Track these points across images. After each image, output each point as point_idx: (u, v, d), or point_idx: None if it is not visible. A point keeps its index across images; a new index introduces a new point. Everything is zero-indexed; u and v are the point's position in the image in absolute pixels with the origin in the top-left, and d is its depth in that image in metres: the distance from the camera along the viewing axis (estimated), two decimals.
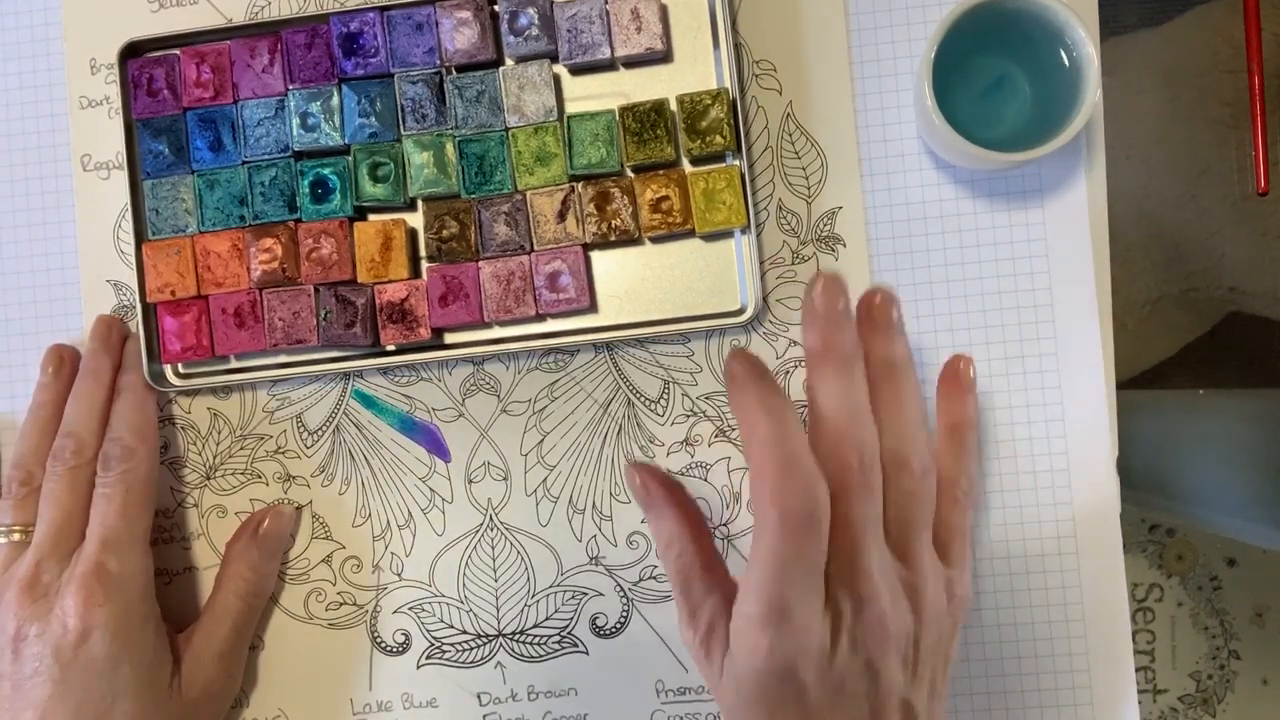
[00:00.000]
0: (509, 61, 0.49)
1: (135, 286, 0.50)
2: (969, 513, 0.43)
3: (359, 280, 0.49)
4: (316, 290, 0.49)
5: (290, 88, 0.49)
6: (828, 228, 0.50)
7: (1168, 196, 0.50)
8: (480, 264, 0.49)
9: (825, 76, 0.50)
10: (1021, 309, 0.49)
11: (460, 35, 0.48)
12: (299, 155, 0.50)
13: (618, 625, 0.50)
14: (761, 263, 0.49)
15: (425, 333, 0.49)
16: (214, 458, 0.52)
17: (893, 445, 0.40)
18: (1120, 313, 0.49)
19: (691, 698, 0.50)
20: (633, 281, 0.50)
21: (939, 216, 0.49)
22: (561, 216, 0.48)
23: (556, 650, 0.50)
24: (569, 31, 0.48)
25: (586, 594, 0.50)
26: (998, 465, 0.49)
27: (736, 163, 0.48)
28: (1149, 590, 0.50)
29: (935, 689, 0.41)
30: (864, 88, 0.50)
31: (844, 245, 0.49)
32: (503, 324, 0.50)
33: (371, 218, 0.50)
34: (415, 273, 0.50)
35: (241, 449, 0.52)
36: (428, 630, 0.51)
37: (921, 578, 0.40)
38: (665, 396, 0.50)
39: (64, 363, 0.50)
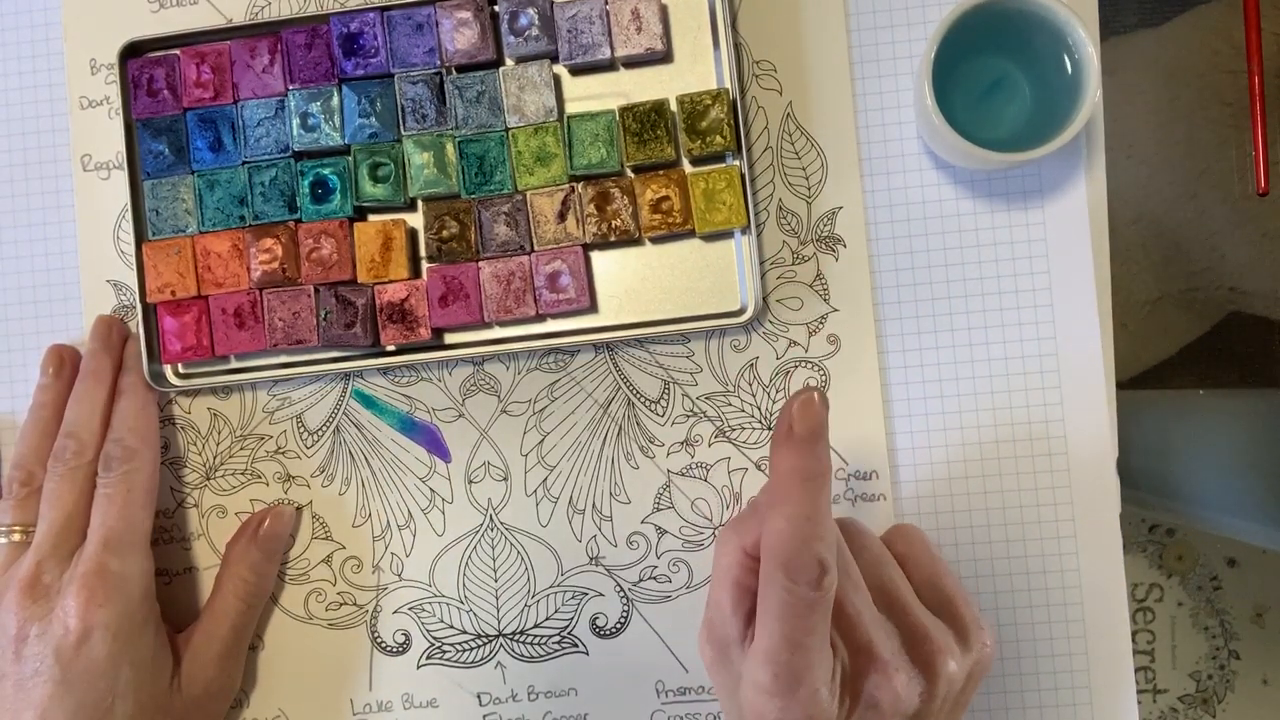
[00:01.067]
0: (509, 62, 0.49)
1: (135, 286, 0.50)
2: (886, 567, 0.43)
3: (359, 280, 0.49)
4: (316, 290, 0.49)
5: (290, 88, 0.49)
6: (828, 228, 0.50)
7: (1168, 196, 0.50)
8: (480, 264, 0.49)
9: (825, 76, 0.50)
10: (1021, 309, 0.49)
11: (460, 35, 0.48)
12: (299, 155, 0.50)
13: (618, 625, 0.50)
14: (761, 263, 0.49)
15: (425, 333, 0.49)
16: (214, 458, 0.52)
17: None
18: (1120, 313, 0.49)
19: (691, 698, 0.50)
20: (633, 281, 0.50)
21: (939, 216, 0.49)
22: (561, 216, 0.48)
23: (556, 650, 0.50)
24: (569, 32, 0.48)
25: (586, 594, 0.50)
26: (998, 466, 0.49)
27: (736, 163, 0.48)
28: (1149, 590, 0.50)
29: None
30: (864, 88, 0.50)
31: (844, 245, 0.49)
32: (503, 324, 0.50)
33: (371, 218, 0.50)
34: (415, 273, 0.50)
35: (241, 449, 0.52)
36: (428, 630, 0.51)
37: (923, 638, 0.40)
38: (665, 397, 0.50)
39: (64, 363, 0.50)
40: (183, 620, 0.50)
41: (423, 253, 0.49)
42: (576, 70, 0.50)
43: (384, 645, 0.51)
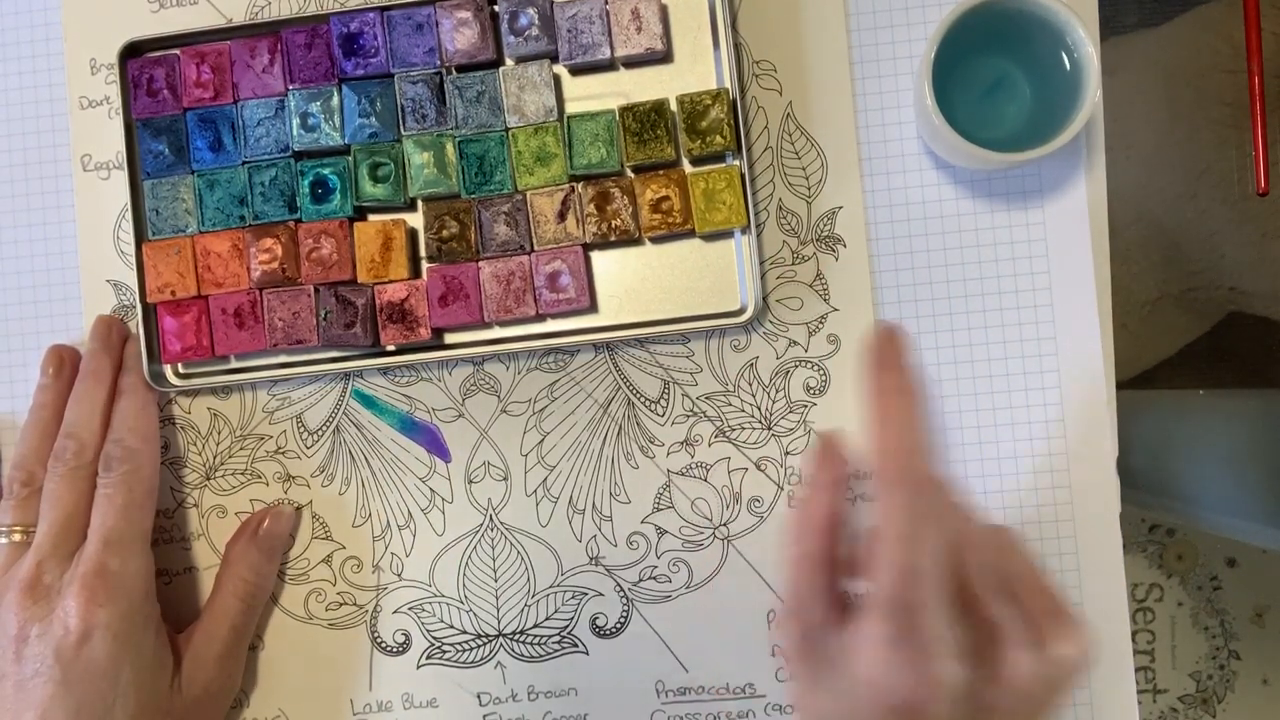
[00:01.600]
0: (509, 61, 0.49)
1: (135, 286, 0.50)
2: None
3: (359, 280, 0.49)
4: (316, 290, 0.49)
5: (290, 88, 0.49)
6: (828, 228, 0.50)
7: (1168, 196, 0.50)
8: (480, 264, 0.49)
9: (825, 76, 0.50)
10: (1021, 309, 0.49)
11: (460, 35, 0.48)
12: (299, 155, 0.50)
13: (618, 625, 0.50)
14: (761, 263, 0.49)
15: (425, 333, 0.49)
16: (214, 458, 0.52)
17: None
18: (1120, 313, 0.49)
19: (691, 698, 0.50)
20: (633, 281, 0.50)
21: (939, 216, 0.49)
22: (561, 216, 0.48)
23: (556, 650, 0.50)
24: (569, 32, 0.48)
25: (586, 594, 0.50)
26: (998, 466, 0.49)
27: (736, 163, 0.48)
28: (1149, 590, 0.50)
29: None
30: (864, 88, 0.50)
31: (844, 245, 0.49)
32: (503, 324, 0.50)
33: (371, 218, 0.50)
34: (415, 273, 0.50)
35: (241, 449, 0.52)
36: (428, 630, 0.51)
37: (1036, 620, 0.37)
38: (665, 396, 0.50)
39: (64, 364, 0.50)
40: (183, 620, 0.50)
41: (423, 253, 0.49)
42: (576, 70, 0.50)
43: (384, 645, 0.51)
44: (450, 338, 0.50)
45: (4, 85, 0.53)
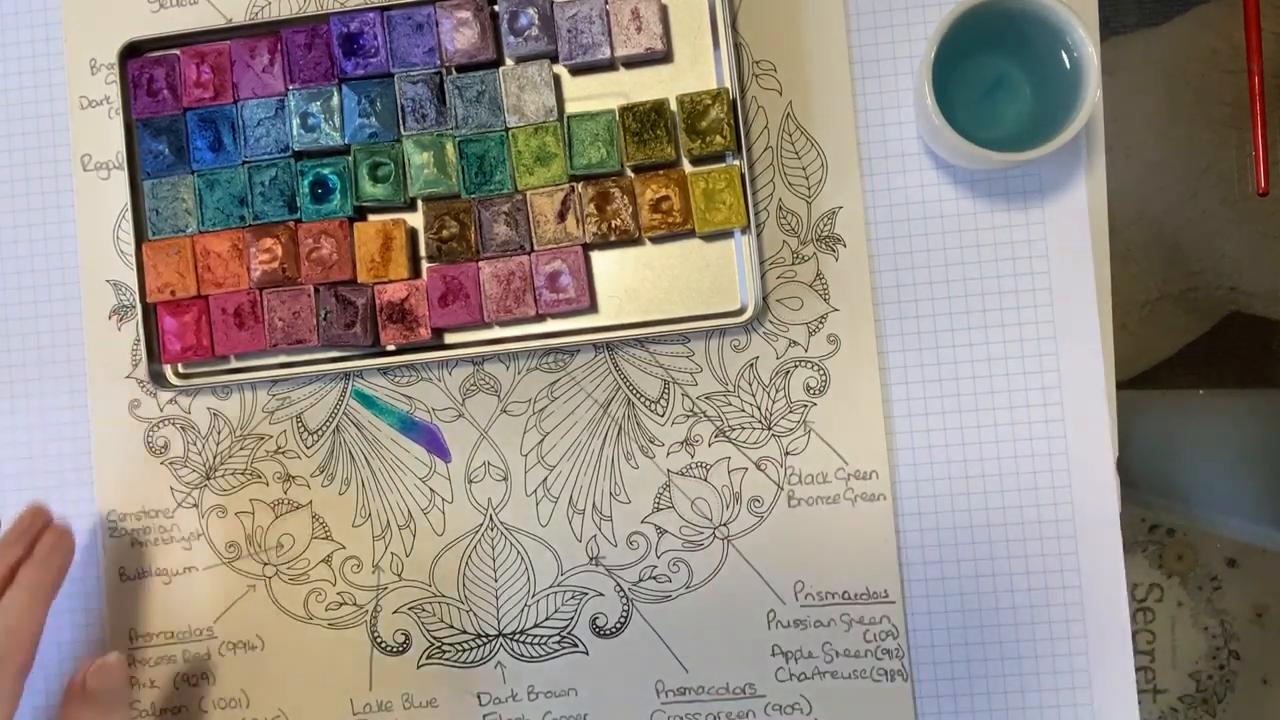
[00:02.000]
0: (509, 61, 0.49)
1: (135, 286, 0.50)
2: None
3: (359, 280, 0.49)
4: (316, 290, 0.49)
5: (290, 88, 0.50)
6: (828, 228, 0.50)
7: (1168, 196, 0.50)
8: (480, 264, 0.49)
9: (825, 76, 0.50)
10: (1021, 309, 0.49)
11: (460, 35, 0.48)
12: (299, 155, 0.50)
13: (618, 625, 0.50)
14: (761, 263, 0.49)
15: (425, 333, 0.49)
16: (214, 458, 0.52)
17: None
18: (1120, 313, 0.49)
19: (691, 698, 0.50)
20: (633, 281, 0.50)
21: (939, 216, 0.49)
22: (561, 216, 0.48)
23: (556, 650, 0.50)
24: (569, 31, 0.48)
25: (586, 594, 0.50)
26: (999, 465, 0.49)
27: (736, 163, 0.48)
28: (1149, 590, 0.50)
29: None
30: (864, 88, 0.50)
31: (844, 245, 0.49)
32: (503, 324, 0.50)
33: (371, 218, 0.50)
34: (415, 273, 0.50)
35: (241, 449, 0.52)
36: (428, 630, 0.51)
37: None
38: (665, 396, 0.50)
39: None
40: (182, 620, 0.49)
41: (423, 253, 0.49)
42: (576, 70, 0.50)
43: (384, 645, 0.51)
44: (450, 338, 0.50)
45: (4, 85, 0.53)
